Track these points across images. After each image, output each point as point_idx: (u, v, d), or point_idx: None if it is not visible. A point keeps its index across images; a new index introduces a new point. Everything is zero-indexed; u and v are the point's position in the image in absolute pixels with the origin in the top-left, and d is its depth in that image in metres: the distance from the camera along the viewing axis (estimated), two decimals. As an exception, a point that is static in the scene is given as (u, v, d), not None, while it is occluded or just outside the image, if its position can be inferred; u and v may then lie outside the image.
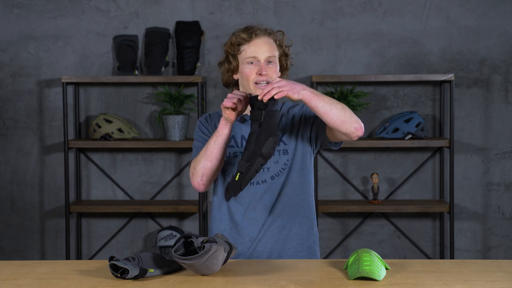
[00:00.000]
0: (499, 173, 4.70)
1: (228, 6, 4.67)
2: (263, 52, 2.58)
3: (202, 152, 2.55)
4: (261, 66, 2.57)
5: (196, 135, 2.69)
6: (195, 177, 2.57)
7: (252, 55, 2.58)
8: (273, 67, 2.59)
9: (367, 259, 2.23)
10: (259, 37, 2.59)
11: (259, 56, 2.57)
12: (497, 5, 4.63)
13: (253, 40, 2.58)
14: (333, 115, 2.42)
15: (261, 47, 2.58)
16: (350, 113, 2.44)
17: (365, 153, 4.72)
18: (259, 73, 2.57)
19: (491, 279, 2.21)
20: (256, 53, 2.58)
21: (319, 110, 2.42)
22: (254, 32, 2.59)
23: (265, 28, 2.63)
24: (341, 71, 4.68)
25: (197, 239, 2.23)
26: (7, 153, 4.77)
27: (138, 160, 4.77)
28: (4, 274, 2.28)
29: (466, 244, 4.73)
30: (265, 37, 2.60)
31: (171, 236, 4.55)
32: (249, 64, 2.58)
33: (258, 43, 2.58)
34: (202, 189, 2.60)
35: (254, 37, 2.58)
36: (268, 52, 2.58)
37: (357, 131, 2.45)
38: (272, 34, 2.62)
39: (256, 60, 2.58)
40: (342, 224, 4.76)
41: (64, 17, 4.70)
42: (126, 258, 2.21)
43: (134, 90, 4.74)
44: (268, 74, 2.58)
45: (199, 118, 2.73)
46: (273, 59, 2.59)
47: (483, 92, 4.68)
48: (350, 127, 2.43)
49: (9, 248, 4.80)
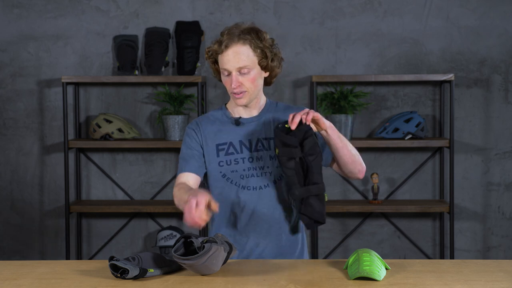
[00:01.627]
0: (499, 173, 4.70)
1: (228, 6, 4.67)
2: (232, 64, 2.53)
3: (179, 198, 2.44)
4: (232, 78, 2.54)
5: (184, 146, 2.64)
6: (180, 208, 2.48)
7: (224, 67, 2.55)
8: (247, 76, 2.54)
9: (367, 259, 2.23)
10: (229, 47, 2.53)
11: (230, 68, 2.53)
12: (497, 5, 4.63)
13: (224, 51, 2.53)
14: (347, 152, 2.54)
15: (231, 59, 2.53)
16: (359, 156, 2.60)
17: (365, 153, 4.72)
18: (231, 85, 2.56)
19: (491, 279, 2.21)
20: (227, 65, 2.54)
21: (337, 144, 2.52)
22: (225, 43, 2.53)
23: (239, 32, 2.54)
24: (341, 71, 4.68)
25: (196, 239, 2.22)
26: (7, 153, 4.77)
27: (138, 160, 4.77)
28: (4, 274, 2.28)
29: (466, 244, 4.73)
30: (237, 46, 2.53)
31: (171, 236, 4.55)
32: (223, 75, 2.58)
33: (228, 55, 2.53)
34: None
35: (224, 49, 2.53)
36: (238, 63, 2.52)
37: (359, 173, 2.62)
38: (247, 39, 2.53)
39: (228, 71, 2.55)
40: (342, 224, 4.76)
41: (64, 17, 4.70)
42: (126, 258, 2.21)
43: (134, 90, 4.74)
44: (242, 85, 2.55)
45: (188, 125, 2.69)
46: (246, 69, 2.54)
47: (483, 92, 4.68)
48: (355, 168, 2.59)
49: (9, 248, 4.80)
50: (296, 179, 2.43)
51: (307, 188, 2.43)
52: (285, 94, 4.68)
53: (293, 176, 2.43)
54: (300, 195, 2.43)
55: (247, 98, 2.57)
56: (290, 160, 2.42)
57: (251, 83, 2.55)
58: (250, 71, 2.55)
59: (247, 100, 2.58)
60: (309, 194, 2.42)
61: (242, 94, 2.56)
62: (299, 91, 4.69)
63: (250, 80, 2.55)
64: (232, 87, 2.54)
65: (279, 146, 2.44)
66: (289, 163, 2.43)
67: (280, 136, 2.44)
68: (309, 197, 2.42)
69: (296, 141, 2.42)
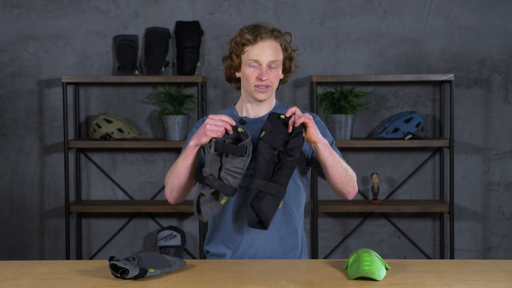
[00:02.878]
0: (499, 173, 4.70)
1: (228, 6, 4.67)
2: (266, 56, 2.55)
3: (172, 168, 2.54)
4: (262, 71, 2.55)
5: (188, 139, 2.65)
6: (166, 190, 2.58)
7: (254, 58, 2.55)
8: (275, 72, 2.57)
9: (367, 259, 2.23)
10: (264, 40, 2.56)
11: (262, 60, 2.55)
12: (497, 5, 4.63)
13: (258, 43, 2.55)
14: (336, 172, 2.49)
15: (265, 51, 2.55)
16: (351, 177, 2.53)
17: (365, 153, 4.72)
18: (259, 77, 2.56)
19: (491, 279, 2.21)
20: (259, 56, 2.55)
21: (327, 161, 2.47)
22: (260, 35, 2.55)
23: (272, 30, 2.59)
24: (341, 71, 4.68)
25: None
26: (7, 153, 4.77)
27: (138, 160, 4.77)
28: (4, 274, 2.28)
29: (466, 244, 4.73)
30: (270, 41, 2.57)
31: (171, 236, 4.55)
32: (250, 67, 2.57)
33: (262, 47, 2.55)
34: (173, 202, 2.59)
35: (259, 40, 2.55)
36: (271, 56, 2.55)
37: (348, 194, 2.56)
38: (279, 37, 2.58)
39: (258, 63, 2.55)
40: (342, 224, 4.76)
41: (64, 17, 4.70)
42: (126, 258, 2.21)
43: (134, 90, 4.74)
44: (269, 79, 2.56)
45: (197, 122, 2.70)
46: (275, 64, 2.57)
47: (483, 92, 4.68)
48: (344, 189, 2.54)
49: (9, 248, 4.80)
50: (264, 169, 2.39)
51: (269, 184, 2.39)
52: (285, 94, 4.68)
53: (263, 165, 2.39)
54: (258, 187, 2.39)
55: (269, 93, 2.60)
56: (269, 149, 2.40)
57: (276, 79, 2.59)
58: (277, 67, 2.58)
59: (268, 95, 2.60)
60: (267, 190, 2.39)
61: (266, 89, 2.57)
62: (299, 91, 4.69)
63: (276, 76, 2.58)
64: (262, 79, 2.55)
65: (267, 130, 2.42)
66: (267, 151, 2.40)
67: (274, 121, 2.43)
68: (266, 194, 2.38)
69: (286, 133, 2.41)
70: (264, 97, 2.59)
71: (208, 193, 2.37)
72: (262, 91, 2.57)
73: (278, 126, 2.41)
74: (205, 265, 2.41)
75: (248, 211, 2.40)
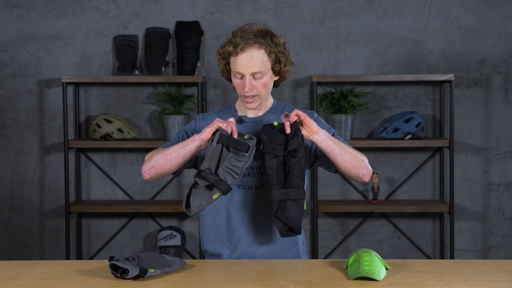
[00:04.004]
0: (499, 173, 4.70)
1: (228, 6, 4.67)
2: (247, 68, 2.52)
3: (164, 149, 2.53)
4: (245, 82, 2.53)
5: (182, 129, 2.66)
6: (146, 164, 2.55)
7: (237, 71, 2.53)
8: (260, 81, 2.54)
9: (367, 259, 2.23)
10: (244, 51, 2.51)
11: (244, 72, 2.52)
12: (497, 5, 4.63)
13: (239, 55, 2.51)
14: (346, 158, 2.47)
15: (246, 63, 2.51)
16: (362, 159, 2.50)
17: (365, 153, 4.70)
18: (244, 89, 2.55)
19: (491, 279, 2.21)
20: (241, 69, 2.52)
21: (333, 151, 2.45)
22: (240, 46, 2.50)
23: (255, 35, 2.52)
24: (341, 71, 4.68)
25: None
26: (7, 153, 4.77)
27: (138, 160, 4.77)
28: (4, 274, 2.28)
29: (466, 244, 4.73)
30: (252, 50, 2.51)
31: (171, 236, 4.55)
32: (236, 78, 2.56)
33: (243, 58, 2.51)
34: (146, 178, 2.56)
35: (239, 52, 2.51)
36: (253, 68, 2.51)
37: (364, 176, 2.51)
38: (263, 44, 2.52)
39: (241, 75, 2.54)
40: (342, 224, 4.76)
41: (64, 17, 4.70)
42: (126, 258, 2.21)
43: (134, 90, 4.74)
44: (254, 89, 2.55)
45: (202, 114, 2.70)
46: (259, 74, 2.53)
47: (483, 92, 4.68)
48: (359, 173, 2.50)
49: (9, 248, 4.80)
50: (276, 179, 2.39)
51: (286, 191, 2.38)
52: (285, 94, 4.68)
53: (273, 175, 2.39)
54: (277, 197, 2.38)
55: (257, 102, 2.58)
56: (273, 158, 2.40)
57: (263, 88, 2.56)
58: (263, 76, 2.54)
59: (257, 104, 2.59)
60: (286, 197, 2.38)
61: (253, 99, 2.56)
62: (299, 91, 4.69)
63: (263, 85, 2.55)
64: (245, 90, 2.53)
65: (264, 142, 2.42)
66: (271, 161, 2.40)
67: (267, 131, 2.43)
68: (287, 201, 2.38)
69: (283, 137, 2.41)
70: (253, 107, 2.59)
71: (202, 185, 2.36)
72: (249, 101, 2.56)
73: (273, 134, 2.42)
74: (205, 265, 2.41)
75: (276, 223, 2.39)
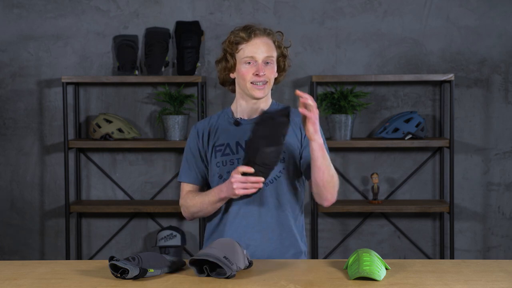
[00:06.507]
0: (499, 173, 4.70)
1: (228, 6, 4.67)
2: (261, 52, 2.57)
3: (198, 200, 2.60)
4: (259, 66, 2.57)
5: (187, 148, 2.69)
6: (186, 213, 2.69)
7: (250, 55, 2.57)
8: (271, 67, 2.59)
9: (367, 259, 2.23)
10: (258, 37, 2.58)
11: (257, 56, 2.57)
12: (497, 5, 4.63)
13: (252, 39, 2.58)
14: (322, 175, 2.50)
15: (260, 47, 2.57)
16: (334, 185, 2.54)
17: (365, 153, 4.72)
18: (256, 74, 2.57)
19: (491, 279, 2.21)
20: (254, 53, 2.57)
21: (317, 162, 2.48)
22: (253, 32, 2.58)
23: (264, 28, 2.62)
24: (341, 71, 4.68)
25: None
26: (7, 153, 4.77)
27: (138, 160, 4.77)
28: (4, 274, 2.28)
29: (466, 244, 4.73)
30: (263, 37, 2.59)
31: (171, 236, 4.55)
32: (246, 64, 2.58)
33: (257, 43, 2.58)
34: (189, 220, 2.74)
35: (253, 37, 2.58)
36: (266, 52, 2.58)
37: (326, 201, 2.57)
38: (271, 34, 2.62)
39: (254, 60, 2.57)
40: (342, 224, 4.76)
41: (64, 17, 4.70)
42: (126, 258, 2.21)
43: (134, 90, 4.74)
44: (266, 74, 2.58)
45: (194, 125, 2.72)
46: (270, 60, 2.59)
47: (483, 92, 4.68)
48: (323, 194, 2.55)
49: (9, 248, 4.80)
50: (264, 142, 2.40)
51: None
52: (285, 94, 4.68)
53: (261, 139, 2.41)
54: None
55: (266, 90, 2.60)
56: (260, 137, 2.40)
57: (272, 75, 2.60)
58: (273, 63, 2.60)
59: (265, 92, 2.61)
60: None
61: (263, 86, 2.58)
62: (299, 91, 4.69)
63: (272, 72, 2.60)
64: (260, 74, 2.56)
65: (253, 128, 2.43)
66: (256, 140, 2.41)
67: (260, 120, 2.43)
68: None
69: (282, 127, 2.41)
70: (261, 94, 2.59)
71: None
72: (260, 88, 2.58)
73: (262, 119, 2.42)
74: (205, 265, 2.40)
75: None
